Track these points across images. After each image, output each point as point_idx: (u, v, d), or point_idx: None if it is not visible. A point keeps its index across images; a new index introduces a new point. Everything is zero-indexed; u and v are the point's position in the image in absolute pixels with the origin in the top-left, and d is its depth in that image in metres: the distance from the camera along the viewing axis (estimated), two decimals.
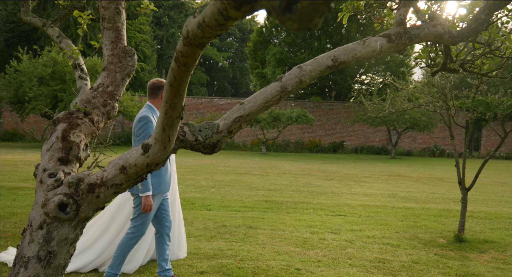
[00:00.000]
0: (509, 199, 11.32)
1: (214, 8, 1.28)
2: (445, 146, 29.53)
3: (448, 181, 14.91)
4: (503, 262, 5.96)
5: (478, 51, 3.30)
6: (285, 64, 31.61)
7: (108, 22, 2.71)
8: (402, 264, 5.71)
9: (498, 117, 6.70)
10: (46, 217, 2.19)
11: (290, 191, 11.45)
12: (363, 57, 2.44)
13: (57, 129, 2.44)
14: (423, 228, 7.75)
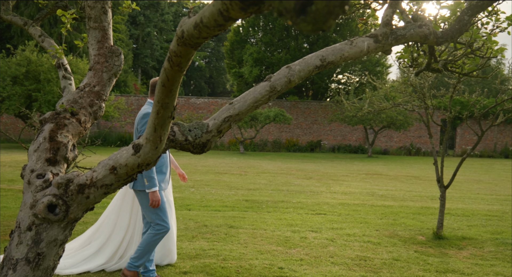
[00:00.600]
0: (485, 197, 11.53)
1: (214, 8, 1.28)
2: (421, 144, 29.94)
3: (424, 179, 15.12)
4: (481, 258, 6.08)
5: (460, 51, 3.37)
6: (262, 64, 31.65)
7: (94, 22, 2.69)
8: (384, 262, 5.78)
9: (475, 116, 6.82)
10: (35, 219, 2.17)
11: (270, 190, 11.48)
12: (351, 57, 2.47)
13: (44, 129, 2.41)
14: (402, 225, 7.86)
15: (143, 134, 2.11)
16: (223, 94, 57.22)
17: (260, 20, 32.70)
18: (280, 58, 30.90)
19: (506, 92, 6.97)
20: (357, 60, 31.93)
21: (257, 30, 33.34)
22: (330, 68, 31.88)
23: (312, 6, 0.79)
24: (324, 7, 0.78)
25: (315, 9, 0.79)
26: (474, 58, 3.24)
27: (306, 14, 0.80)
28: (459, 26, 2.62)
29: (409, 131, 28.34)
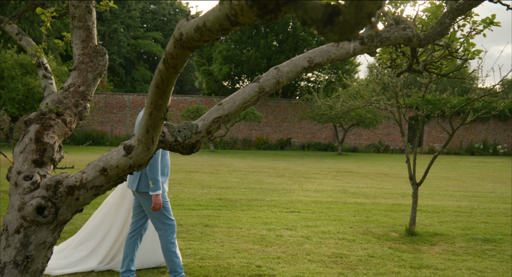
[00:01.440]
0: (453, 193, 11.80)
1: (220, 13, 1.29)
2: (389, 142, 30.40)
3: (394, 177, 15.37)
4: (453, 254, 6.24)
5: (438, 53, 3.45)
6: (232, 61, 31.61)
7: (78, 21, 2.65)
8: (359, 258, 5.87)
9: (446, 115, 6.98)
10: (23, 221, 2.13)
11: (243, 189, 11.50)
12: (337, 58, 2.50)
13: (30, 130, 2.37)
14: (375, 222, 7.99)
15: (135, 135, 2.10)
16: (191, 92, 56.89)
17: None
18: (250, 56, 30.92)
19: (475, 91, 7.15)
20: None
21: None
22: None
23: (340, 16, 0.81)
24: (352, 18, 0.80)
25: (343, 19, 0.81)
26: (452, 60, 3.32)
27: (334, 24, 0.82)
28: (440, 29, 2.69)
29: (377, 129, 28.74)
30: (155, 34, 53.53)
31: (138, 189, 4.58)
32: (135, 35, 52.90)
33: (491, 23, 3.38)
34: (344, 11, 0.81)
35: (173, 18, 57.48)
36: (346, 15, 0.81)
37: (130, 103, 29.82)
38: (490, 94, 6.71)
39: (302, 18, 0.89)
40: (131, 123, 29.66)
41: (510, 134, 30.62)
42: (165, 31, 56.05)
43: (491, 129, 30.48)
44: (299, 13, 0.89)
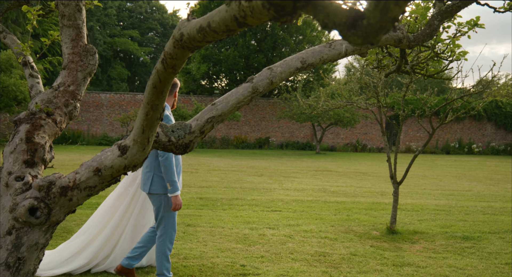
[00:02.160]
0: (431, 192, 11.98)
1: (228, 14, 1.29)
2: (367, 141, 30.68)
3: (373, 175, 15.52)
4: (434, 252, 6.33)
5: (424, 54, 3.50)
6: (210, 60, 31.51)
7: (68, 20, 2.62)
8: (342, 257, 5.92)
9: (426, 115, 7.08)
10: (15, 222, 2.10)
11: (223, 188, 11.48)
12: (329, 59, 2.52)
13: (20, 130, 2.34)
14: (356, 221, 8.06)
15: (130, 136, 2.08)
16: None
17: None
18: (228, 55, 30.86)
19: (454, 91, 7.27)
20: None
21: None
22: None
23: (364, 20, 0.82)
24: (376, 22, 0.81)
25: (367, 23, 0.82)
26: (438, 61, 3.37)
27: (357, 28, 0.83)
28: (429, 31, 2.73)
29: (355, 128, 28.96)
30: (131, 32, 53.04)
31: (150, 191, 4.57)
32: (111, 33, 52.35)
33: (475, 25, 3.44)
34: (369, 15, 0.82)
35: (150, 16, 57.02)
36: (370, 19, 0.82)
37: (107, 101, 29.53)
38: (469, 95, 6.82)
39: (323, 21, 0.90)
40: (108, 122, 29.37)
41: (485, 133, 31.18)
42: (142, 30, 55.58)
43: (466, 128, 31.00)
44: (319, 16, 0.90)
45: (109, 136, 28.99)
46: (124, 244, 5.12)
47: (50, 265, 4.98)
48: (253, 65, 31.51)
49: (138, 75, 57.41)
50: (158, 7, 57.86)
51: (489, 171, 18.32)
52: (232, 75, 32.58)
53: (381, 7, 0.80)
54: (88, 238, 5.15)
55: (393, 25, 0.82)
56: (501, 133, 31.34)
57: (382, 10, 0.80)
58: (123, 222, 5.18)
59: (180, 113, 25.02)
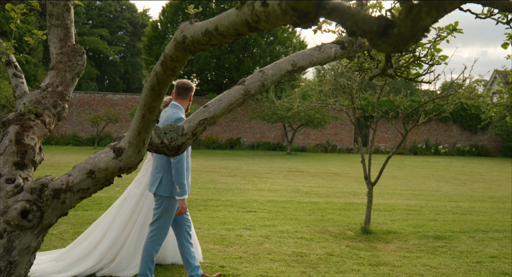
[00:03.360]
0: (402, 192, 12.19)
1: (238, 18, 1.30)
2: (337, 142, 30.97)
3: (344, 176, 15.69)
4: (408, 251, 6.45)
5: (405, 58, 3.57)
6: None
7: (56, 19, 2.59)
8: (319, 257, 5.97)
9: (399, 116, 7.21)
10: (6, 226, 2.07)
11: (197, 189, 11.44)
12: (319, 62, 2.55)
13: (9, 131, 2.30)
14: (330, 221, 8.14)
15: (125, 138, 2.07)
16: (138, 90, 55.96)
17: (179, 16, 32.36)
18: (199, 55, 30.75)
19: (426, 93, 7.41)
20: (275, 58, 32.47)
21: (176, 26, 32.95)
22: (248, 66, 32.17)
23: (395, 29, 0.85)
24: (408, 31, 0.84)
25: (398, 32, 0.85)
26: (419, 64, 3.45)
27: (388, 37, 0.86)
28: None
29: (325, 129, 29.21)
30: (101, 31, 52.35)
31: (156, 192, 4.56)
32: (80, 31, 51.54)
33: (454, 30, 3.53)
34: (400, 24, 0.85)
35: (119, 15, 56.37)
36: (401, 28, 0.84)
37: (77, 101, 29.08)
38: (441, 97, 6.98)
39: (351, 28, 0.92)
40: (77, 121, 28.91)
41: (451, 134, 31.85)
42: (112, 28, 54.91)
43: (433, 129, 31.61)
44: (347, 23, 0.92)
45: (79, 136, 28.56)
46: (129, 247, 5.09)
47: (56, 269, 4.95)
48: (225, 65, 31.49)
49: (107, 74, 56.68)
50: (128, 6, 57.25)
51: (455, 172, 18.73)
52: (203, 76, 32.50)
53: (413, 16, 0.83)
54: (95, 240, 5.13)
55: (423, 34, 0.85)
56: (466, 134, 32.07)
57: (413, 19, 0.83)
58: (129, 225, 5.15)
59: None
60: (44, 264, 5.09)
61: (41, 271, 4.89)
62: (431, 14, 0.82)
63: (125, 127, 29.55)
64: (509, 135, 29.05)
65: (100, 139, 27.80)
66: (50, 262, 5.10)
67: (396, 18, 0.85)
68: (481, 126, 25.00)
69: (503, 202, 11.01)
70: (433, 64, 3.40)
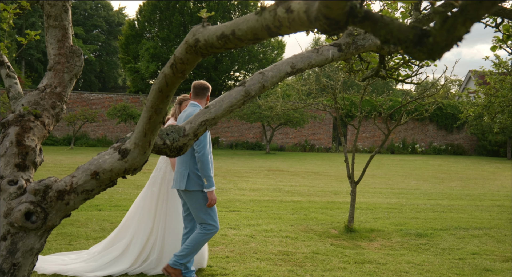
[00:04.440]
0: (382, 190, 12.35)
1: (258, 24, 1.33)
2: (315, 141, 31.16)
3: (324, 175, 15.82)
4: (391, 249, 6.55)
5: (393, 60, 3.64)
6: (159, 59, 31.17)
7: (54, 20, 2.58)
8: (305, 255, 6.03)
9: (382, 116, 7.32)
10: (10, 227, 2.06)
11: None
12: (317, 64, 2.59)
13: (10, 132, 2.29)
14: (314, 220, 8.22)
15: (131, 139, 2.08)
16: (115, 90, 55.52)
17: (156, 14, 32.17)
18: None
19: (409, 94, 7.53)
20: (253, 58, 32.56)
21: (153, 25, 32.76)
22: (227, 65, 32.15)
23: (430, 38, 0.89)
24: (443, 41, 0.88)
25: (433, 41, 0.88)
26: (410, 66, 3.52)
27: (423, 45, 0.90)
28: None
29: (304, 128, 29.36)
30: (76, 29, 51.63)
31: (187, 188, 4.63)
32: None
33: None
34: (435, 33, 0.89)
35: (95, 13, 55.78)
36: (437, 38, 0.88)
37: None
38: (425, 97, 7.10)
39: (384, 37, 0.96)
40: None
41: (427, 133, 32.34)
42: (87, 27, 54.29)
43: (409, 129, 32.05)
44: (381, 32, 0.96)
45: (54, 135, 28.19)
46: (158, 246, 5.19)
47: (87, 268, 5.01)
48: (202, 64, 31.43)
49: (82, 73, 55.98)
50: (103, 5, 56.67)
51: (433, 170, 19.03)
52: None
53: (448, 26, 0.87)
54: (126, 241, 5.21)
55: (457, 43, 0.89)
56: (442, 133, 32.59)
57: (449, 29, 0.87)
58: (155, 224, 5.23)
59: (128, 113, 24.66)
60: (74, 264, 5.17)
61: (73, 270, 4.98)
62: (466, 25, 0.86)
63: (101, 126, 29.28)
64: (484, 134, 29.63)
65: (77, 139, 27.51)
66: (80, 263, 5.17)
67: (431, 28, 0.89)
68: (456, 125, 25.42)
69: (480, 200, 11.24)
70: (422, 65, 3.48)
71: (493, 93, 9.33)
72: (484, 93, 9.57)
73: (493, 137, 29.00)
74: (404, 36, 0.91)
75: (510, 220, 8.86)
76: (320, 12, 1.03)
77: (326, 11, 1.01)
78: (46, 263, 5.19)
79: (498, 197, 11.85)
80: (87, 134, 28.86)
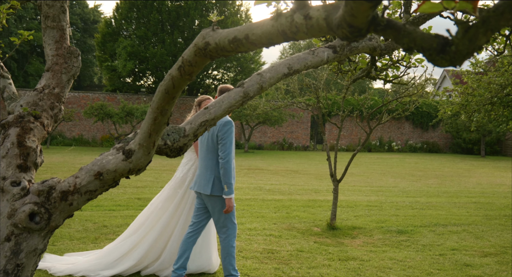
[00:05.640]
0: (361, 188, 12.51)
1: (273, 29, 1.37)
2: (293, 139, 31.32)
3: (303, 173, 15.94)
4: (373, 246, 6.67)
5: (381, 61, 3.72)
6: (136, 58, 30.94)
7: (52, 21, 2.58)
8: (290, 253, 6.10)
9: (364, 115, 7.43)
10: (14, 229, 2.07)
11: (159, 188, 11.39)
12: (313, 65, 2.65)
13: (10, 133, 2.29)
14: (296, 218, 8.30)
15: (135, 140, 2.11)
16: (90, 88, 54.91)
17: (133, 12, 31.91)
18: (155, 52, 30.44)
19: (389, 93, 7.67)
20: (232, 57, 32.54)
21: (130, 23, 32.48)
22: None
23: (452, 46, 0.95)
24: (465, 49, 0.94)
25: (455, 50, 0.94)
26: (397, 67, 3.61)
27: (446, 53, 0.95)
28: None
29: (282, 126, 29.48)
30: None
31: (212, 193, 4.66)
32: (28, 26, 49.98)
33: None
34: (457, 42, 0.95)
35: (70, 10, 54.86)
36: (459, 46, 0.94)
37: None
38: (403, 97, 7.23)
39: (408, 45, 1.01)
40: None
41: (403, 132, 32.78)
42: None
43: (386, 127, 32.44)
44: (404, 40, 1.02)
45: None
46: (172, 246, 5.19)
47: (99, 267, 5.02)
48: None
49: None
50: (78, 2, 55.93)
51: (410, 168, 19.33)
52: (159, 73, 32.20)
53: (470, 36, 0.93)
54: (137, 239, 5.20)
55: (476, 51, 0.96)
56: (418, 131, 33.06)
57: (471, 39, 0.93)
58: (171, 224, 5.23)
59: (106, 112, 24.44)
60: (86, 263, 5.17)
61: (84, 270, 5.00)
62: (487, 34, 0.92)
63: (78, 125, 28.96)
64: (459, 132, 30.16)
65: (53, 138, 27.16)
66: (92, 261, 5.17)
67: (453, 37, 0.95)
68: (432, 123, 25.84)
69: (457, 197, 11.48)
70: (410, 66, 3.57)
71: (470, 92, 9.57)
72: (461, 92, 9.78)
73: (467, 135, 29.56)
74: (428, 44, 0.97)
75: (486, 216, 9.08)
76: (344, 20, 1.08)
77: (351, 19, 1.06)
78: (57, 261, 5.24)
79: (474, 194, 12.12)
80: (63, 133, 28.52)
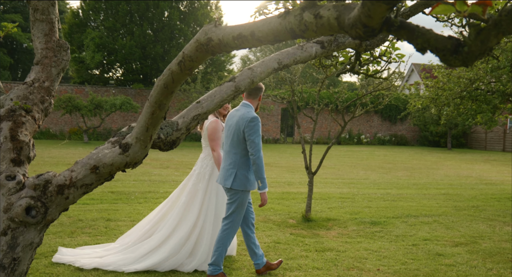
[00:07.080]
0: (333, 181, 12.68)
1: (281, 27, 1.41)
2: (263, 132, 31.40)
3: (275, 166, 16.04)
4: (348, 237, 6.80)
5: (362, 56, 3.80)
6: (105, 49, 30.51)
7: (41, 14, 2.57)
8: (267, 245, 6.18)
9: (339, 108, 7.55)
10: (10, 223, 2.07)
11: (132, 181, 11.34)
12: (301, 60, 2.70)
13: (3, 128, 2.28)
14: (271, 210, 8.38)
15: (132, 133, 2.13)
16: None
17: (101, 3, 31.42)
18: (124, 44, 30.07)
19: (364, 87, 7.81)
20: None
21: (98, 14, 31.98)
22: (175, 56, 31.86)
23: (465, 48, 1.01)
24: (477, 50, 1.00)
25: (468, 50, 1.01)
26: (378, 62, 3.69)
27: (459, 54, 1.02)
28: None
29: None
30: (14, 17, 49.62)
31: (232, 187, 4.70)
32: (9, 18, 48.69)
33: None
34: (470, 44, 1.01)
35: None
36: (472, 47, 1.01)
37: None
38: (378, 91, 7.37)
39: (421, 45, 1.07)
40: None
41: (372, 125, 33.26)
42: (26, 14, 52.22)
43: (355, 120, 32.85)
44: (417, 40, 1.08)
45: None
46: (207, 241, 5.24)
47: (126, 261, 5.03)
48: (150, 55, 31.01)
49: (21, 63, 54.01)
50: None
51: (379, 161, 19.65)
52: (128, 65, 31.82)
53: (482, 38, 1.00)
54: (165, 234, 5.22)
55: (490, 51, 1.02)
56: (386, 124, 33.61)
57: (483, 41, 1.00)
58: (200, 219, 5.27)
59: (74, 104, 24.07)
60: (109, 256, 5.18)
61: (113, 264, 4.99)
62: (498, 37, 0.99)
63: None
64: (426, 125, 30.77)
65: None
66: (116, 254, 5.18)
67: (466, 38, 1.02)
68: (400, 117, 26.26)
69: (426, 189, 11.76)
70: (390, 62, 3.66)
71: (440, 86, 9.80)
72: (431, 86, 10.01)
73: (434, 128, 30.20)
74: (442, 45, 1.03)
75: (455, 207, 9.34)
76: (359, 20, 1.13)
77: (366, 20, 1.12)
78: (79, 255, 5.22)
79: (442, 186, 12.43)
80: None
